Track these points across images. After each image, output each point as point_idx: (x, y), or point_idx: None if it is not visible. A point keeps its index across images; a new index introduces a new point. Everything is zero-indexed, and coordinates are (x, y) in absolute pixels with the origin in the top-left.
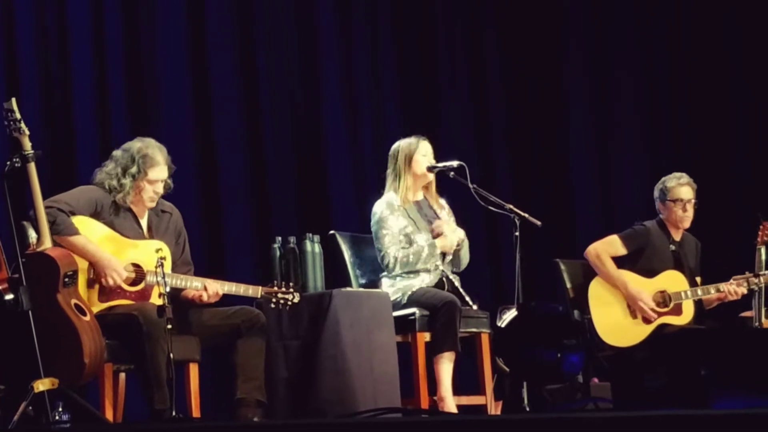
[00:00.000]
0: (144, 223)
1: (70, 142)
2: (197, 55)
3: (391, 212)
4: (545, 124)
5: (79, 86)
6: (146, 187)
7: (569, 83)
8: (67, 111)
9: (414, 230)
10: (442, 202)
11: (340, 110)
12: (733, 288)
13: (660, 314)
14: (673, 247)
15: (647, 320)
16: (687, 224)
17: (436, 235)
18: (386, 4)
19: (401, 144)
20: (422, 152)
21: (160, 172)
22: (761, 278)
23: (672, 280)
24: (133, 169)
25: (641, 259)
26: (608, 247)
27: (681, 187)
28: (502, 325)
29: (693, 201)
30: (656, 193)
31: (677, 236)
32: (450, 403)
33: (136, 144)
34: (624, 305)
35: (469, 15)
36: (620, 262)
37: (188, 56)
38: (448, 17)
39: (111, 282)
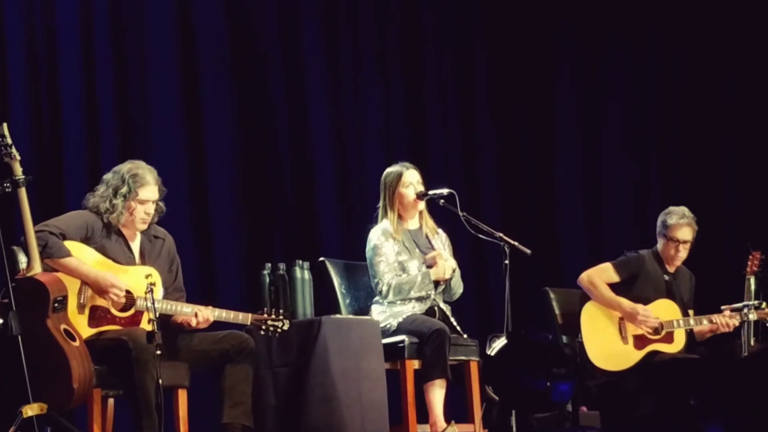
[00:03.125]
0: (136, 248)
1: (58, 168)
2: (188, 80)
3: (386, 239)
4: (534, 150)
5: (68, 113)
6: (137, 208)
7: (559, 110)
8: (56, 138)
9: (407, 258)
10: (439, 230)
11: (328, 137)
12: (726, 320)
13: (651, 341)
14: (666, 278)
15: (638, 345)
16: (678, 263)
17: (429, 266)
18: (373, 32)
19: (387, 174)
20: (406, 183)
21: (150, 193)
22: (755, 312)
23: (664, 309)
24: (124, 189)
25: (634, 287)
26: (601, 273)
27: (680, 227)
28: (492, 354)
29: (689, 243)
30: (658, 222)
31: (671, 268)
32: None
33: (126, 165)
34: (616, 330)
35: (458, 40)
36: (614, 290)
37: (179, 82)
38: (437, 43)
39: (113, 299)
